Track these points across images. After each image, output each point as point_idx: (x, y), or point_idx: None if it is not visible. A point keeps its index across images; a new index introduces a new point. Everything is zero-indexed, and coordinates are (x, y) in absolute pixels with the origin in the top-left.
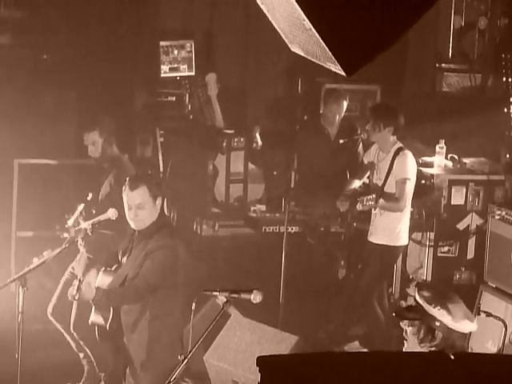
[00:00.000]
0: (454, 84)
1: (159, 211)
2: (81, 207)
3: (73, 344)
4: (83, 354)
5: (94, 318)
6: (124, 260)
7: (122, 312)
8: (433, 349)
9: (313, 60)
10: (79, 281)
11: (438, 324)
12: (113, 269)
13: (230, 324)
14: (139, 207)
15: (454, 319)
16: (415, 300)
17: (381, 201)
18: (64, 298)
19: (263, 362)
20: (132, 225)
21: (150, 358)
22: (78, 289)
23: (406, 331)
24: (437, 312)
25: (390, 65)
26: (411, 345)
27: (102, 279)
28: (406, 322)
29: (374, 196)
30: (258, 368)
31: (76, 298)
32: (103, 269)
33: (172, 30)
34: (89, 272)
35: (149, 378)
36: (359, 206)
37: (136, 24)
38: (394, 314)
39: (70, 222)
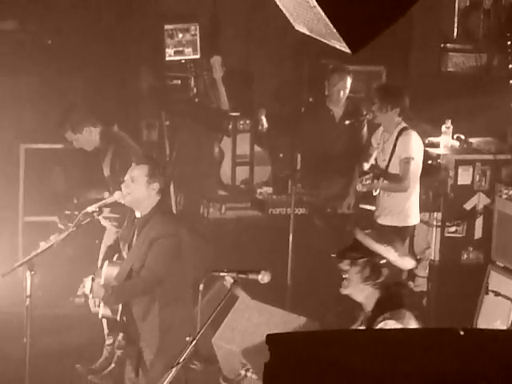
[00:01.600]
0: (460, 64)
1: (159, 198)
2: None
3: (106, 329)
4: (111, 340)
5: (104, 311)
6: (126, 249)
7: (132, 303)
8: (377, 286)
9: (317, 38)
10: (92, 280)
11: (383, 261)
12: (114, 259)
13: (237, 306)
14: (132, 180)
15: (399, 255)
16: (356, 240)
17: (384, 182)
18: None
19: (272, 340)
20: (122, 199)
21: (162, 344)
22: (92, 288)
23: (347, 271)
24: (383, 249)
25: (395, 45)
26: (354, 284)
27: (107, 271)
28: (347, 262)
29: (370, 175)
30: (267, 346)
31: (90, 296)
32: (107, 261)
33: (176, 13)
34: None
35: (162, 364)
36: (359, 187)
37: (140, 7)
38: (333, 255)
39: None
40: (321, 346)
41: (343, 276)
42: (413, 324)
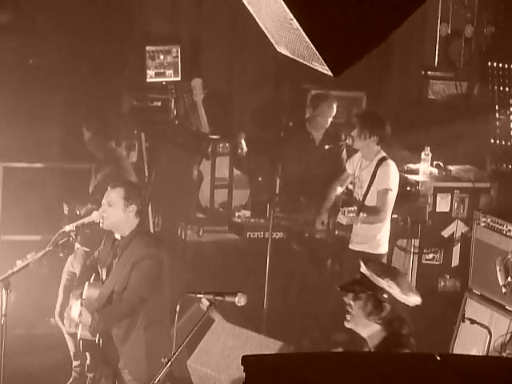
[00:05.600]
0: (440, 92)
1: (138, 220)
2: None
3: (72, 350)
4: (79, 361)
5: (82, 332)
6: (104, 270)
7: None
8: (380, 321)
9: (299, 60)
10: (81, 304)
11: (386, 296)
12: (91, 280)
13: (213, 329)
14: (109, 204)
15: (402, 291)
16: (361, 273)
17: (362, 215)
18: (67, 301)
19: (248, 362)
20: (101, 223)
21: (147, 366)
22: (80, 313)
23: (351, 305)
24: (385, 284)
25: (377, 72)
26: (357, 318)
27: (88, 293)
28: (350, 295)
29: (355, 208)
30: (242, 368)
31: (78, 321)
32: (87, 282)
33: (158, 34)
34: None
35: None
36: (341, 218)
37: (122, 29)
38: (338, 288)
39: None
40: (296, 367)
41: (348, 309)
42: None
